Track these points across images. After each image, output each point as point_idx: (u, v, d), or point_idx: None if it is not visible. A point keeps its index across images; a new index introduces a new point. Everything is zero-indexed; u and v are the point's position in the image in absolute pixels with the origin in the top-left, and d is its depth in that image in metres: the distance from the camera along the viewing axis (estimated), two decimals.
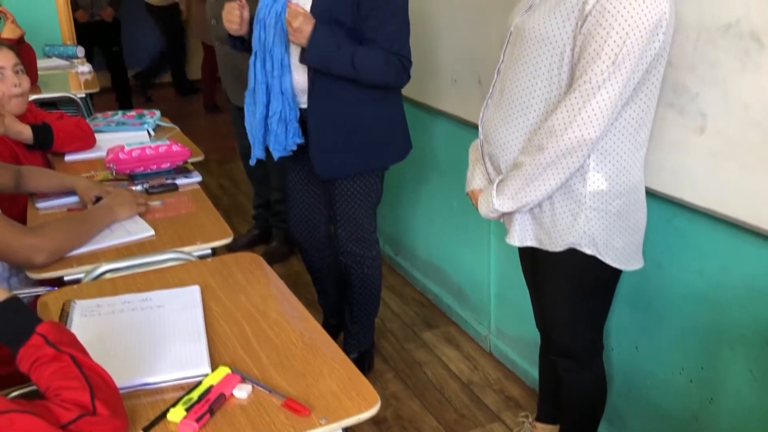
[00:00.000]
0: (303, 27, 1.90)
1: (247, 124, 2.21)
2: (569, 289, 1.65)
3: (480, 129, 1.68)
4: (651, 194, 1.64)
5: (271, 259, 3.39)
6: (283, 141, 2.10)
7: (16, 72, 2.24)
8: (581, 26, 1.40)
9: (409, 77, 2.11)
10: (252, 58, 2.10)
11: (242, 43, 2.18)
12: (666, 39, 1.41)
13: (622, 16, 1.34)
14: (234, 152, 4.04)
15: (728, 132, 1.47)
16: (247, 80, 2.16)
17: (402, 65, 2.04)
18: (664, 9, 1.36)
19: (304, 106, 2.11)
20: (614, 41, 1.35)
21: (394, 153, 2.24)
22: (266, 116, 2.10)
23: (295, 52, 2.03)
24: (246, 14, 2.10)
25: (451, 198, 2.70)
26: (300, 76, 2.07)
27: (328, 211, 2.37)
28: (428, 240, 3.00)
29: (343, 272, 2.43)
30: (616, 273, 1.62)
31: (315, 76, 2.04)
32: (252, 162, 2.25)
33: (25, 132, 2.22)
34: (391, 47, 2.00)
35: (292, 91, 2.06)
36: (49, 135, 2.31)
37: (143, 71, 7.00)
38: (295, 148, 2.12)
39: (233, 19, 2.08)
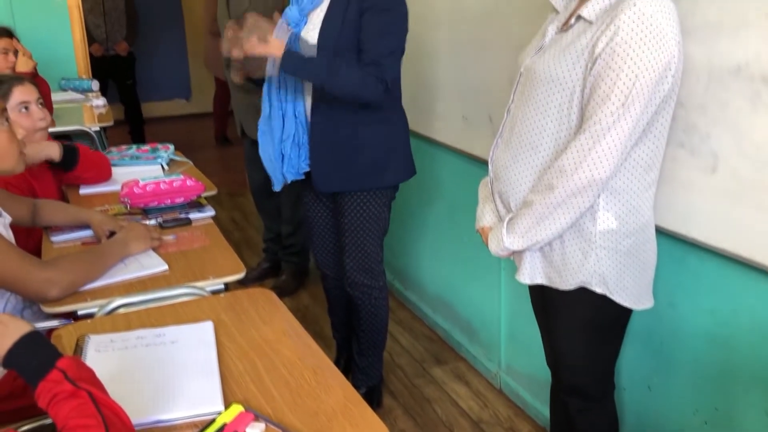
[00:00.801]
0: (272, 40, 1.97)
1: (263, 152, 2.24)
2: (580, 327, 1.64)
3: (490, 167, 1.70)
4: (663, 232, 1.65)
5: (281, 293, 3.37)
6: (296, 164, 2.17)
7: (39, 106, 2.29)
8: (591, 68, 1.42)
9: (385, 87, 2.05)
10: (266, 85, 2.17)
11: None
12: (675, 81, 1.43)
13: (631, 59, 1.36)
14: (245, 185, 4.08)
15: (740, 172, 1.47)
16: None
17: (378, 79, 2.03)
18: (673, 52, 1.38)
19: None
20: (624, 83, 1.37)
21: (394, 174, 2.26)
22: (280, 141, 2.16)
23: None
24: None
25: (462, 233, 2.70)
26: (310, 101, 2.14)
27: None
28: (438, 275, 3.00)
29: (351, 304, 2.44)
30: (626, 312, 1.61)
31: (318, 96, 2.10)
32: (276, 188, 2.27)
33: (55, 150, 2.30)
34: (375, 60, 2.03)
35: (305, 114, 2.13)
36: (75, 156, 2.38)
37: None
38: (307, 169, 2.17)
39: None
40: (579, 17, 1.48)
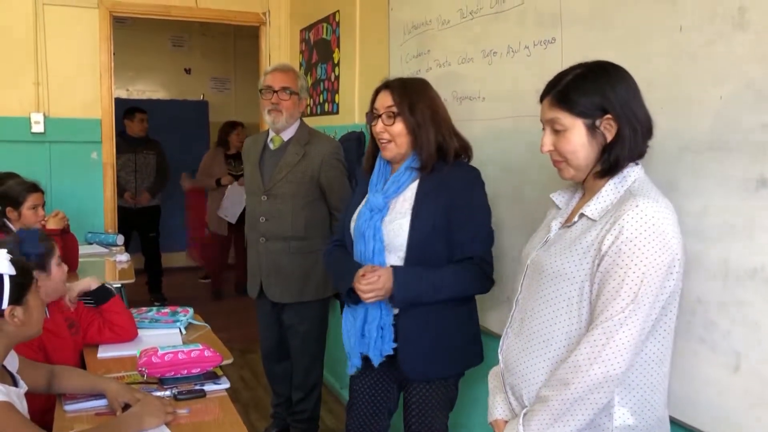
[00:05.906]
0: (382, 287, 2.02)
1: (345, 332, 2.24)
2: None
3: (500, 357, 1.70)
4: (689, 429, 1.60)
5: None
6: (380, 346, 2.15)
7: (58, 264, 2.37)
8: (599, 264, 1.45)
9: (493, 282, 2.17)
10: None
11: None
12: (679, 277, 1.46)
13: (637, 257, 1.40)
14: (257, 341, 4.03)
15: (764, 372, 1.46)
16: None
17: (485, 273, 2.13)
18: (676, 251, 1.42)
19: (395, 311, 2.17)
20: (632, 280, 1.40)
21: (471, 359, 2.26)
22: (363, 324, 2.16)
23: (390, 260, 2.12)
24: None
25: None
26: None
27: (390, 420, 2.36)
28: None
29: None
30: None
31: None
32: (351, 371, 2.24)
33: (93, 284, 2.57)
34: (475, 254, 2.10)
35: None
36: (109, 293, 2.58)
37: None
38: (391, 352, 2.15)
39: None
40: (582, 215, 1.54)
